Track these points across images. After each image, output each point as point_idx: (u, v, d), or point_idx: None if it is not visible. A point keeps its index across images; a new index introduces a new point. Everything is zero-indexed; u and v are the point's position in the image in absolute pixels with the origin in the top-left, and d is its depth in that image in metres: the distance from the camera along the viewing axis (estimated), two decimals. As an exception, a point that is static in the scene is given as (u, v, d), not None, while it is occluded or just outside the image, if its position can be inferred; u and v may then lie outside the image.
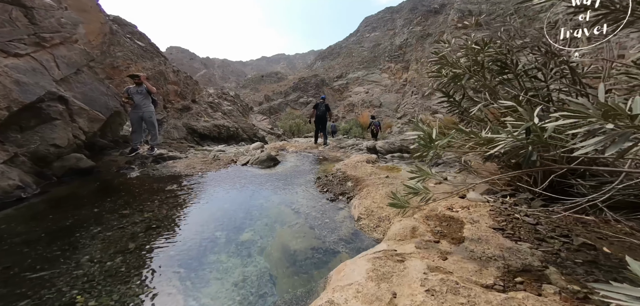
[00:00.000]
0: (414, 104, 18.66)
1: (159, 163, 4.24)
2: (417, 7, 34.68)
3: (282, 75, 42.95)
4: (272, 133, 12.23)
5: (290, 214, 2.66)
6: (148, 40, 9.01)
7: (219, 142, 8.77)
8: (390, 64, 26.00)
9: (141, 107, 4.09)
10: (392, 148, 7.70)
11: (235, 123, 9.69)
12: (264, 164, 4.47)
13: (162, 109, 7.83)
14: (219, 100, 10.58)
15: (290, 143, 7.20)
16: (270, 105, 26.18)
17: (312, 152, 5.91)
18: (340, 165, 4.14)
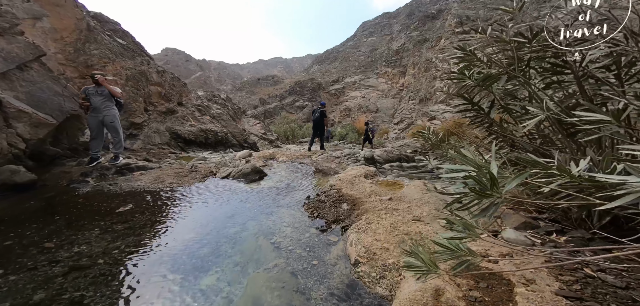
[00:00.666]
0: (411, 110, 18.26)
1: (123, 175, 3.61)
2: (414, 13, 34.68)
3: (279, 79, 42.45)
4: (264, 139, 11.62)
5: (270, 250, 2.07)
6: (131, 39, 8.38)
7: (206, 148, 8.13)
8: (387, 69, 25.70)
9: (101, 110, 3.47)
10: (390, 157, 7.16)
11: (224, 128, 9.07)
12: (248, 178, 3.87)
13: (142, 112, 7.17)
14: (209, 103, 9.95)
15: (282, 151, 6.61)
16: (266, 109, 25.57)
17: (304, 161, 5.33)
18: (335, 180, 3.57)
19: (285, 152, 6.64)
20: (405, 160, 7.44)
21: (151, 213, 2.51)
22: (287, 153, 6.17)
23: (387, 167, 6.41)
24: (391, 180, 3.94)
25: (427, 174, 5.85)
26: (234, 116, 10.80)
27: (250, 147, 9.18)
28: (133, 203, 2.69)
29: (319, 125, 7.67)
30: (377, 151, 7.01)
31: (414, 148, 13.18)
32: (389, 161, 6.93)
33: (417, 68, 21.52)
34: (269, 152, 6.18)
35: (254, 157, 5.70)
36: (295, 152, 6.72)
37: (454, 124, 11.71)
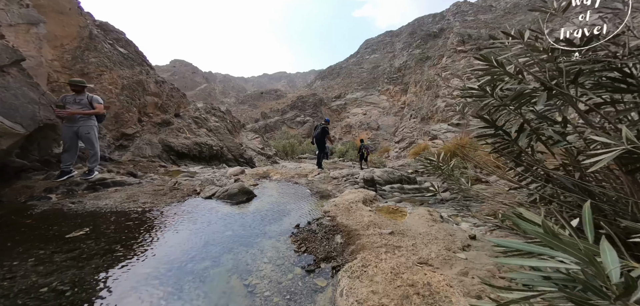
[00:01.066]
0: (412, 128, 18.00)
1: (96, 191, 3.26)
2: (416, 32, 35.30)
3: (282, 93, 42.87)
4: (262, 154, 11.31)
5: (241, 296, 1.67)
6: (134, 48, 8.30)
7: (200, 162, 7.81)
8: (389, 86, 25.76)
9: (76, 120, 3.17)
10: (391, 178, 6.75)
11: (221, 141, 8.78)
12: (234, 199, 3.49)
13: (135, 123, 6.92)
14: (207, 115, 9.74)
15: (277, 169, 6.25)
16: (267, 123, 25.49)
17: (299, 181, 4.95)
18: (330, 205, 3.18)
19: (281, 169, 6.29)
20: (407, 182, 7.03)
21: (108, 240, 2.12)
22: (282, 172, 5.81)
23: (388, 188, 6.01)
24: (392, 206, 3.54)
25: (430, 198, 5.43)
26: (232, 129, 10.55)
27: (246, 163, 8.85)
28: (91, 226, 2.31)
29: (320, 142, 7.33)
30: (378, 171, 6.62)
31: (415, 168, 12.77)
32: (389, 182, 6.53)
33: (419, 86, 21.48)
34: (263, 170, 5.83)
35: (246, 175, 5.35)
36: (291, 170, 6.36)
37: (456, 144, 11.36)
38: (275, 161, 11.63)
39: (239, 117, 32.32)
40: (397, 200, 4.49)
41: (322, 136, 7.32)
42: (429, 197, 5.28)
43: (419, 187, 6.61)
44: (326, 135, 7.34)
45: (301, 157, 17.44)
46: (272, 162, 11.23)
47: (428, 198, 5.26)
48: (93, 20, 7.02)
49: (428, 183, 7.09)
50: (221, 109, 11.77)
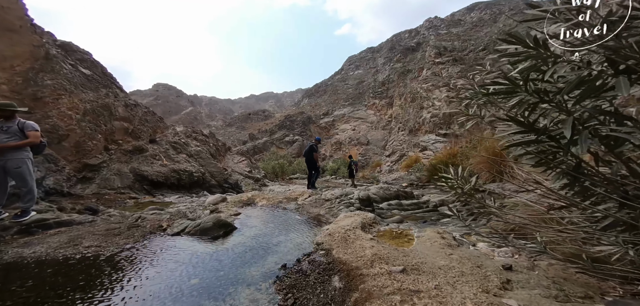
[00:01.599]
0: (401, 141, 18.00)
1: (32, 234, 2.59)
2: (395, 47, 36.76)
3: (270, 113, 42.63)
4: (250, 177, 10.65)
5: None
6: (101, 69, 7.70)
7: (178, 191, 7.09)
8: (375, 100, 26.14)
9: (3, 152, 2.55)
10: (388, 195, 6.31)
11: (202, 167, 8.12)
12: (208, 234, 2.91)
13: (101, 152, 6.20)
14: (187, 139, 9.10)
15: (263, 194, 5.68)
16: (255, 144, 24.86)
17: (287, 206, 4.42)
18: (323, 235, 2.67)
19: (268, 194, 5.72)
20: (404, 197, 6.61)
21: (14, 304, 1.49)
22: (269, 196, 5.25)
23: (386, 206, 5.56)
24: (395, 230, 3.07)
25: (432, 214, 5.01)
26: (216, 153, 9.92)
27: (231, 188, 8.19)
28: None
29: (309, 161, 6.94)
30: (373, 189, 6.19)
31: (409, 181, 12.50)
32: (386, 199, 6.09)
33: (404, 99, 21.86)
34: (248, 196, 5.24)
35: (228, 203, 4.74)
36: (280, 193, 5.80)
37: (447, 154, 11.25)
38: (264, 184, 10.98)
39: (225, 140, 31.49)
40: (398, 219, 4.03)
41: (310, 154, 6.93)
42: (431, 213, 4.87)
43: (417, 202, 6.21)
44: (314, 152, 6.93)
45: (292, 178, 16.82)
46: (261, 185, 10.57)
47: (430, 214, 4.85)
48: (53, 40, 6.43)
49: (426, 196, 6.72)
50: (204, 132, 11.15)
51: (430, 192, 9.66)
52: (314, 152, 7.01)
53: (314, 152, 7.01)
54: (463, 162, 10.54)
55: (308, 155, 7.01)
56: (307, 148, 7.10)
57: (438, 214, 5.06)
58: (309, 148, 7.06)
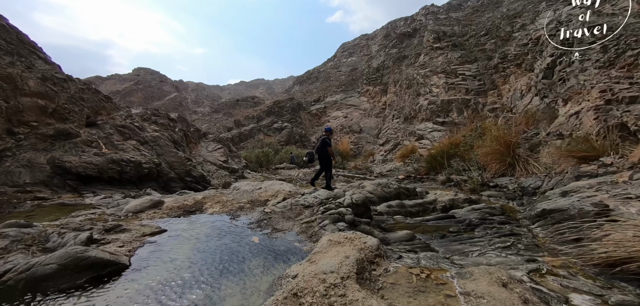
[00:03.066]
0: (396, 129, 16.66)
1: None
2: (390, 34, 34.89)
3: (260, 100, 40.29)
4: (225, 168, 9.05)
5: None
6: (16, 34, 5.76)
7: (122, 186, 5.45)
8: (369, 87, 24.55)
9: None
10: (386, 193, 4.90)
11: (159, 156, 6.45)
12: (54, 285, 1.37)
13: (2, 136, 4.45)
14: (143, 123, 7.34)
15: (223, 194, 4.13)
16: (241, 131, 22.98)
17: (248, 216, 2.95)
18: (285, 293, 1.20)
19: (229, 194, 4.18)
20: (406, 195, 5.24)
21: None
22: (228, 199, 3.73)
23: (384, 208, 4.14)
24: (416, 272, 1.63)
25: (447, 222, 3.63)
26: (183, 140, 8.21)
27: (195, 182, 6.60)
28: None
29: (322, 157, 5.73)
30: (369, 186, 4.78)
31: (406, 172, 11.22)
32: (385, 199, 4.70)
33: (399, 85, 20.40)
34: (197, 198, 3.71)
35: (162, 209, 3.20)
36: (246, 193, 4.28)
37: (448, 144, 9.96)
38: (242, 175, 9.42)
39: (210, 127, 29.30)
40: (407, 238, 2.62)
41: (323, 149, 5.70)
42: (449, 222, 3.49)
43: (423, 202, 4.85)
44: (328, 147, 5.69)
45: (278, 168, 15.28)
46: (238, 177, 9.01)
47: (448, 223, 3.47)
48: None
49: (435, 194, 5.38)
50: (170, 116, 9.35)
51: (431, 186, 8.41)
52: (328, 146, 5.71)
53: (328, 146, 5.71)
54: (467, 152, 9.27)
55: (321, 150, 5.74)
56: (319, 144, 5.83)
57: (453, 221, 3.70)
58: (322, 143, 5.74)
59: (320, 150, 5.76)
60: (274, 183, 5.12)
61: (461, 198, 5.23)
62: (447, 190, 7.11)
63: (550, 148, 6.16)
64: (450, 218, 3.80)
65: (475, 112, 12.39)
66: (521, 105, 10.27)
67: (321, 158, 5.79)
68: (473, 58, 15.43)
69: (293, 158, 15.79)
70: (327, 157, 5.70)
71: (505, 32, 14.93)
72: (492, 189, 6.38)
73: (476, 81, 13.59)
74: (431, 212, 4.80)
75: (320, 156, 5.80)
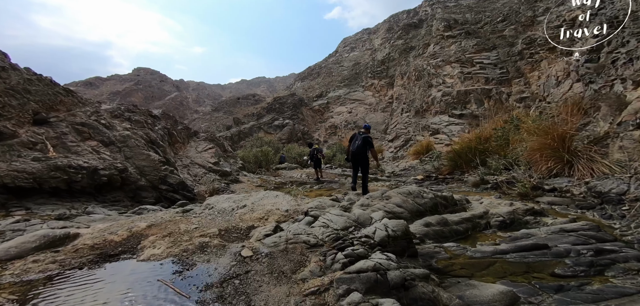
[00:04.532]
0: (406, 123, 15.16)
1: None
2: (392, 28, 33.20)
3: (260, 98, 38.94)
4: (215, 171, 7.70)
5: None
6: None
7: (74, 198, 4.13)
8: (374, 81, 23.02)
9: None
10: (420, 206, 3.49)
11: (126, 160, 5.12)
12: None
13: None
14: (112, 120, 6.00)
15: (184, 219, 2.74)
16: (240, 129, 21.68)
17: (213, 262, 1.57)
18: None
19: (193, 218, 2.79)
20: (444, 206, 3.83)
21: None
22: (186, 227, 2.35)
23: (420, 228, 2.74)
24: None
25: (546, 258, 2.17)
26: (161, 140, 6.86)
27: (173, 191, 5.25)
28: None
29: (361, 157, 4.95)
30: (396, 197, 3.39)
31: (425, 172, 9.78)
32: (419, 214, 3.29)
33: (407, 77, 18.84)
34: (129, 230, 2.31)
35: (65, 251, 1.84)
36: (220, 215, 2.89)
37: (475, 138, 8.47)
38: (235, 179, 8.07)
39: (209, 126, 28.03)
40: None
41: (364, 149, 4.92)
42: (548, 259, 2.03)
43: (470, 216, 3.45)
44: (370, 147, 4.93)
45: (279, 168, 13.92)
46: (230, 181, 7.66)
47: (544, 259, 2.01)
48: None
49: (482, 204, 3.97)
50: (153, 113, 8.01)
51: (460, 189, 6.94)
52: (371, 147, 4.93)
53: (371, 147, 4.93)
54: (501, 148, 7.78)
55: (361, 150, 4.91)
56: (359, 141, 4.93)
57: (549, 254, 2.29)
58: (363, 141, 4.89)
59: (360, 149, 4.92)
60: (267, 195, 3.73)
61: (520, 208, 3.84)
62: (486, 194, 5.69)
63: (624, 142, 4.70)
64: (540, 249, 2.39)
65: (498, 102, 10.86)
66: (558, 93, 8.73)
67: (360, 157, 4.94)
68: (491, 45, 13.83)
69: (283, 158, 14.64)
70: (366, 159, 4.94)
71: (527, 16, 13.28)
72: (550, 194, 4.92)
73: (497, 69, 12.02)
74: (484, 229, 3.41)
75: (358, 155, 4.94)
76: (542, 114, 8.09)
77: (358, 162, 5.02)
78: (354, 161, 5.08)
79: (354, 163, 5.13)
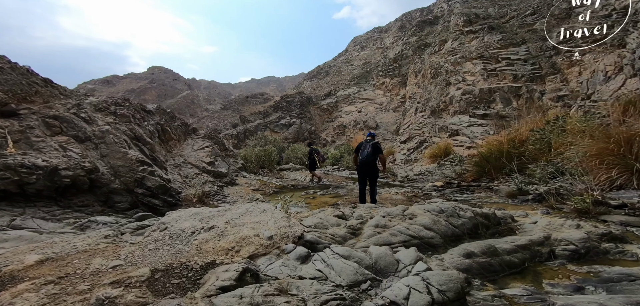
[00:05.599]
0: (420, 124, 13.94)
1: None
2: (405, 26, 31.73)
3: (269, 96, 38.48)
4: (209, 171, 6.93)
5: None
6: None
7: (30, 203, 3.42)
8: (385, 79, 21.78)
9: None
10: (456, 228, 2.50)
11: (99, 159, 4.40)
12: None
13: None
14: (95, 114, 5.34)
15: (127, 237, 1.87)
16: (246, 128, 21.09)
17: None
18: None
19: (126, 244, 1.91)
20: (485, 226, 2.81)
21: None
22: (102, 263, 1.48)
23: (458, 259, 1.75)
24: None
25: None
26: (150, 137, 6.16)
27: (151, 195, 4.48)
28: None
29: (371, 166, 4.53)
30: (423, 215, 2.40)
31: (444, 177, 8.63)
32: (455, 239, 2.27)
33: (421, 75, 17.55)
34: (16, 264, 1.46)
35: None
36: (172, 241, 2.02)
37: (508, 141, 7.27)
38: (232, 181, 7.29)
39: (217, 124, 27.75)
40: None
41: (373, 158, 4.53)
42: None
43: (526, 243, 2.38)
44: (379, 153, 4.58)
45: (283, 169, 13.10)
46: (224, 183, 6.87)
47: None
48: None
49: (537, 225, 2.93)
50: (146, 108, 7.36)
51: (492, 200, 5.79)
52: (380, 153, 4.57)
53: (380, 153, 4.57)
54: (541, 153, 6.56)
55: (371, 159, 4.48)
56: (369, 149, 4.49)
57: None
58: (374, 149, 4.49)
59: (370, 158, 4.48)
60: (251, 209, 2.84)
61: (593, 232, 2.81)
62: (528, 208, 4.60)
63: None
64: None
65: (529, 101, 9.51)
66: (606, 90, 7.35)
67: (370, 167, 4.52)
68: (519, 40, 12.39)
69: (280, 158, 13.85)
70: (375, 168, 4.55)
71: (561, 9, 11.74)
72: (619, 211, 3.78)
73: (528, 65, 10.62)
74: (547, 260, 2.44)
75: (368, 165, 4.51)
76: (588, 115, 6.80)
77: (367, 173, 4.59)
78: (363, 171, 4.61)
79: (362, 173, 4.64)
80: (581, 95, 8.11)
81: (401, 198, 5.55)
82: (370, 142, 4.62)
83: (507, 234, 2.85)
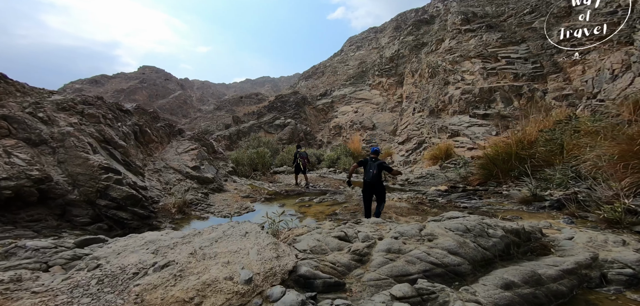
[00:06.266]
0: (419, 124, 13.51)
1: None
2: (400, 26, 31.50)
3: (264, 97, 37.67)
4: (193, 177, 6.26)
5: None
6: None
7: None
8: (381, 79, 21.35)
9: None
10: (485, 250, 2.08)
11: (39, 167, 3.71)
12: None
13: None
14: (56, 113, 4.62)
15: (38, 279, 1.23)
16: (239, 129, 20.33)
17: None
18: None
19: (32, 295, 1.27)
20: (517, 245, 2.24)
21: None
22: None
23: (495, 292, 1.20)
24: None
25: None
26: (124, 139, 5.45)
27: (118, 207, 3.81)
28: None
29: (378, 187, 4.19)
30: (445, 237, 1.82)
31: (448, 181, 8.16)
32: (487, 262, 1.71)
33: (418, 75, 17.17)
34: None
35: None
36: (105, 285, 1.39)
37: (516, 141, 6.84)
38: (219, 188, 6.62)
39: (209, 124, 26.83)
40: None
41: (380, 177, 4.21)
42: None
43: (571, 267, 1.76)
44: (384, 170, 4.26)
45: (277, 172, 12.45)
46: (210, 190, 6.21)
47: None
48: None
49: (575, 241, 2.44)
50: (123, 107, 6.63)
51: (502, 204, 5.30)
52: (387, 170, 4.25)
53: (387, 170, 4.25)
54: (553, 155, 6.13)
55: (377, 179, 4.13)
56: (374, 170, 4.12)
57: None
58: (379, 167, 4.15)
59: (376, 178, 4.14)
60: (229, 233, 2.22)
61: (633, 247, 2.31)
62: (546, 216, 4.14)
63: None
64: None
65: (531, 100, 9.15)
66: (614, 88, 6.99)
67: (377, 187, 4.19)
68: (519, 38, 12.08)
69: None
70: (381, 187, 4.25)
71: (560, 7, 11.48)
72: None
73: (529, 64, 10.28)
74: (599, 287, 1.98)
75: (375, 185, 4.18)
76: (596, 114, 6.42)
77: (374, 192, 4.27)
78: (369, 191, 4.29)
79: (368, 194, 4.31)
80: (586, 94, 7.75)
81: (406, 205, 5.01)
82: (375, 162, 4.26)
83: (542, 253, 2.32)
